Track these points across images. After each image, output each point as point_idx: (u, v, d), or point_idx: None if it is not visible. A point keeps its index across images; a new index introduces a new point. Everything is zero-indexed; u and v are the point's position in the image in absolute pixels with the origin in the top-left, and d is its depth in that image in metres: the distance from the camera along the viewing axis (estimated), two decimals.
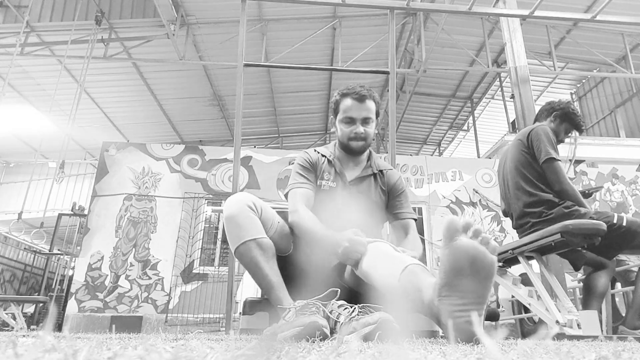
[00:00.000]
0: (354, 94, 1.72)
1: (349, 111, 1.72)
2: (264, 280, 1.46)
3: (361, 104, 1.71)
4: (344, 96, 1.75)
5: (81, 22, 7.38)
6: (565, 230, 1.94)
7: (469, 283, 0.95)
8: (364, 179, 1.78)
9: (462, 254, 0.95)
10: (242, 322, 1.72)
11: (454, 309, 0.95)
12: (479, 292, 0.95)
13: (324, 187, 1.74)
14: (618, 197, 7.71)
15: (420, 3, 4.42)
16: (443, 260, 0.98)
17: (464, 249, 0.96)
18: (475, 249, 0.95)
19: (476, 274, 0.95)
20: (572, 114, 2.52)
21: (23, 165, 12.57)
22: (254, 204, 1.54)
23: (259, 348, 0.43)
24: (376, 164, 1.84)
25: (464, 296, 0.95)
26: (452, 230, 0.97)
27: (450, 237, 0.97)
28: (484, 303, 0.97)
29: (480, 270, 0.95)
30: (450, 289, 0.96)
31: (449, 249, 0.97)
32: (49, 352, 0.42)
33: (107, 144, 7.41)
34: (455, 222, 0.97)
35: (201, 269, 6.67)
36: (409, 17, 8.82)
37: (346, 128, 1.74)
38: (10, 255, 10.82)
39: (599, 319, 2.06)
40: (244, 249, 1.47)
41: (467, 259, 0.95)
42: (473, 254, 0.95)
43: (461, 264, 0.95)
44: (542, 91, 11.21)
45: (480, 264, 0.95)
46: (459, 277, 0.96)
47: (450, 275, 0.96)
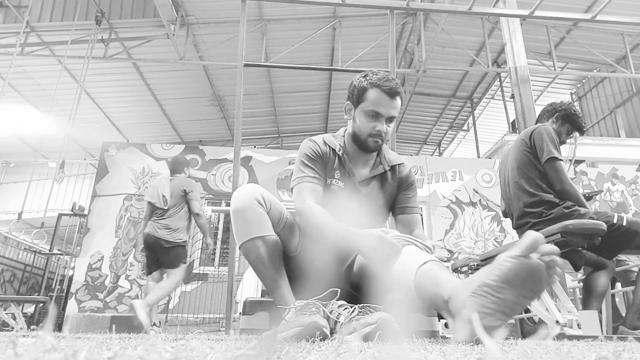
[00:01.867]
0: (387, 88, 1.52)
1: (378, 105, 1.53)
2: (268, 278, 1.44)
3: (392, 100, 1.53)
4: (374, 86, 1.54)
5: (81, 22, 7.38)
6: (565, 230, 1.94)
7: (511, 296, 0.94)
8: (375, 178, 1.65)
9: (523, 270, 0.93)
10: (242, 322, 1.72)
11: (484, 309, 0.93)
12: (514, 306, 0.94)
13: (333, 186, 1.60)
14: (618, 197, 7.71)
15: (420, 3, 4.42)
16: (501, 266, 0.95)
17: (528, 268, 0.93)
18: (538, 272, 0.94)
19: (522, 291, 0.94)
20: (574, 115, 2.52)
21: (23, 165, 12.57)
22: (263, 197, 1.47)
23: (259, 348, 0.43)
24: (387, 159, 1.69)
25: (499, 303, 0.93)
26: (531, 248, 0.94)
27: (525, 253, 0.94)
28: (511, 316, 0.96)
29: (527, 290, 0.94)
30: (489, 292, 0.94)
31: (517, 261, 0.94)
32: (49, 352, 0.42)
33: (107, 144, 7.41)
34: (538, 241, 0.94)
35: (201, 269, 6.67)
36: (409, 17, 8.82)
37: (369, 122, 1.55)
38: (10, 255, 10.82)
39: (599, 319, 2.06)
40: (250, 245, 1.43)
41: (525, 277, 0.94)
42: (533, 274, 0.93)
43: (516, 278, 0.94)
44: (542, 91, 11.21)
45: (533, 286, 0.94)
46: (506, 288, 0.94)
47: (498, 281, 0.94)
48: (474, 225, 7.24)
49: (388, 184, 1.67)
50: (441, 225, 7.15)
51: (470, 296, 0.95)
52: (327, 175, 1.62)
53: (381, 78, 1.55)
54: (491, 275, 0.95)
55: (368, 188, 1.63)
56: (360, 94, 1.57)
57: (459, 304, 0.96)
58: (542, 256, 0.94)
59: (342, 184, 1.61)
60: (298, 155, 1.63)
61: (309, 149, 1.61)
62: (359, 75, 1.62)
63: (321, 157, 1.61)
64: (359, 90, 1.58)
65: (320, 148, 1.62)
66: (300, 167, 1.59)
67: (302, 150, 1.63)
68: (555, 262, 0.94)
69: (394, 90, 1.52)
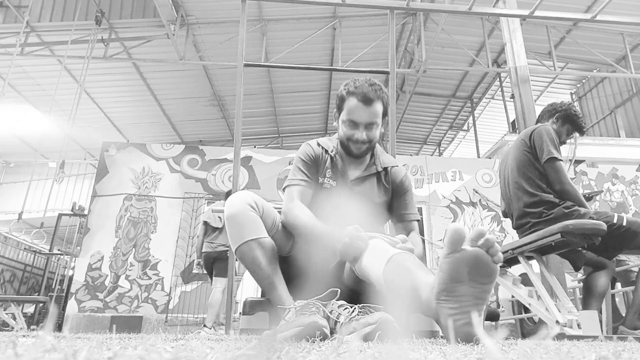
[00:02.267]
0: (361, 95, 1.54)
1: (353, 114, 1.57)
2: (265, 280, 1.45)
3: (367, 107, 1.55)
4: (350, 94, 1.58)
5: (81, 22, 7.39)
6: (565, 230, 1.94)
7: (468, 289, 0.94)
8: (366, 178, 1.67)
9: (461, 263, 0.94)
10: (242, 322, 1.72)
11: (452, 312, 0.94)
12: (478, 295, 0.95)
13: (324, 185, 1.64)
14: (618, 197, 7.71)
15: (420, 3, 4.42)
16: (443, 268, 0.96)
17: (464, 259, 0.94)
18: (477, 258, 0.94)
19: (474, 280, 0.94)
20: (574, 115, 2.53)
21: (23, 165, 12.57)
22: (255, 202, 1.50)
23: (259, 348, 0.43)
24: (381, 161, 1.71)
25: (462, 300, 0.94)
26: (456, 241, 0.94)
27: (454, 248, 0.94)
28: (483, 304, 0.96)
29: (479, 278, 0.94)
30: (448, 294, 0.95)
31: (449, 259, 0.95)
32: (49, 352, 0.42)
33: (107, 144, 7.42)
34: (459, 232, 0.93)
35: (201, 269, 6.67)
36: (409, 17, 8.82)
37: (348, 130, 1.60)
38: (10, 255, 10.82)
39: (599, 319, 2.06)
40: (245, 248, 1.45)
41: (466, 268, 0.94)
42: (474, 262, 0.94)
43: (460, 273, 0.94)
44: (542, 91, 11.21)
45: (480, 271, 0.94)
46: (458, 284, 0.95)
47: (448, 283, 0.95)
48: (474, 225, 7.24)
49: (382, 184, 1.69)
50: (441, 225, 7.15)
51: (437, 304, 0.97)
52: (319, 175, 1.66)
53: (358, 86, 1.57)
54: (439, 281, 0.97)
55: (361, 187, 1.66)
56: (340, 103, 1.63)
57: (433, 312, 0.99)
58: (472, 242, 0.94)
59: (334, 182, 1.65)
60: (295, 158, 1.70)
61: (303, 152, 1.68)
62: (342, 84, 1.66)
63: (314, 160, 1.67)
64: (339, 98, 1.63)
65: (313, 151, 1.68)
66: (294, 170, 1.65)
67: (298, 153, 1.70)
68: (488, 241, 0.93)
69: (367, 97, 1.54)
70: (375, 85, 1.58)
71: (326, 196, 1.63)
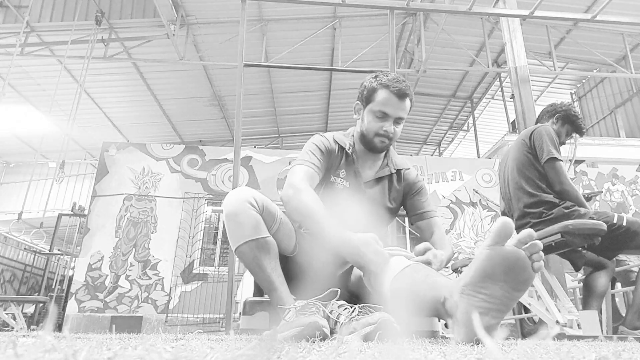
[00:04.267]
0: (396, 89, 1.52)
1: (386, 106, 1.53)
2: (265, 280, 1.43)
3: (401, 101, 1.53)
4: (383, 86, 1.54)
5: (81, 22, 7.39)
6: (565, 230, 1.94)
7: (499, 290, 0.91)
8: (379, 180, 1.65)
9: (500, 259, 0.90)
10: (242, 322, 1.72)
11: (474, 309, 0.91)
12: (506, 300, 0.91)
13: (337, 185, 1.59)
14: (618, 197, 7.71)
15: (420, 3, 4.42)
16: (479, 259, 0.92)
17: (505, 256, 0.90)
18: (517, 259, 0.90)
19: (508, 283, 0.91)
20: (574, 116, 2.53)
21: (23, 165, 12.57)
22: (255, 199, 1.44)
23: (259, 348, 0.43)
24: (394, 162, 1.69)
25: (489, 300, 0.91)
26: (500, 235, 0.90)
27: (496, 241, 0.90)
28: (507, 311, 0.93)
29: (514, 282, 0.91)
30: (475, 289, 0.92)
31: (490, 250, 0.91)
32: (49, 352, 0.42)
33: (107, 144, 7.41)
34: (506, 227, 0.89)
35: (201, 269, 6.67)
36: (409, 17, 8.82)
37: (376, 122, 1.56)
38: (10, 255, 10.82)
39: (599, 319, 2.06)
40: (245, 248, 1.41)
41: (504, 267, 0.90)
42: (514, 263, 0.90)
43: (495, 270, 0.90)
44: (542, 91, 11.21)
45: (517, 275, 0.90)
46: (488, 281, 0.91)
47: (479, 276, 0.92)
48: (474, 225, 7.24)
49: (393, 187, 1.67)
50: (441, 225, 7.15)
51: (461, 296, 0.93)
52: (332, 172, 1.61)
53: (391, 79, 1.55)
54: (471, 272, 0.93)
55: (373, 190, 1.63)
56: (369, 94, 1.58)
57: (452, 305, 0.95)
58: (519, 243, 0.90)
59: (347, 183, 1.60)
60: (306, 145, 1.61)
61: (319, 141, 1.60)
62: (369, 76, 1.62)
63: (329, 152, 1.60)
64: (368, 90, 1.58)
65: (330, 144, 1.62)
66: (306, 153, 1.56)
67: (311, 140, 1.62)
68: (535, 246, 0.90)
69: (402, 92, 1.52)
70: (407, 82, 1.57)
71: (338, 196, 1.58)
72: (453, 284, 0.99)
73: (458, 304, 0.94)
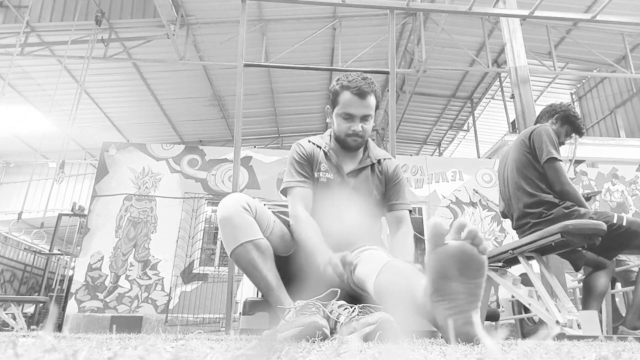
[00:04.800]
0: (355, 89, 1.59)
1: (348, 107, 1.61)
2: (262, 282, 1.44)
3: (362, 100, 1.60)
4: (344, 88, 1.62)
5: (81, 22, 7.38)
6: (565, 230, 1.93)
7: (459, 286, 0.91)
8: (361, 170, 1.70)
9: (447, 258, 0.90)
10: (242, 322, 1.72)
11: (449, 312, 0.91)
12: (471, 292, 0.92)
13: (321, 179, 1.66)
14: (618, 197, 7.71)
15: (420, 3, 4.42)
16: (429, 266, 0.93)
17: (450, 253, 0.90)
18: (462, 251, 0.90)
19: (465, 276, 0.91)
20: (574, 117, 2.53)
21: (23, 165, 12.57)
22: (248, 204, 1.49)
23: (259, 348, 0.43)
24: (374, 154, 1.75)
25: (456, 298, 0.91)
26: (437, 236, 0.91)
27: (436, 243, 0.91)
28: (478, 301, 0.93)
29: (468, 272, 0.91)
30: (440, 294, 0.93)
31: (434, 254, 0.92)
32: (49, 352, 0.42)
33: (107, 144, 7.41)
34: (439, 227, 0.91)
35: (201, 269, 6.67)
36: (409, 17, 8.82)
37: (344, 124, 1.64)
38: (10, 255, 10.82)
39: (599, 319, 2.06)
40: (241, 251, 1.43)
41: (454, 263, 0.90)
42: (460, 256, 0.90)
43: (447, 269, 0.91)
44: (542, 91, 11.21)
45: (469, 265, 0.91)
46: (447, 282, 0.91)
47: (437, 281, 0.92)
48: (474, 225, 7.24)
49: (375, 176, 1.72)
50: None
51: (432, 305, 0.94)
52: (316, 169, 1.67)
53: (351, 80, 1.61)
54: (429, 281, 0.94)
55: (357, 179, 1.68)
56: (334, 98, 1.66)
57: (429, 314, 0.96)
58: (455, 236, 0.91)
59: (331, 175, 1.66)
60: (288, 159, 1.72)
61: (295, 152, 1.71)
62: (334, 80, 1.70)
63: (307, 158, 1.69)
64: (333, 93, 1.67)
65: (305, 149, 1.71)
66: (290, 170, 1.67)
67: (290, 154, 1.72)
68: (471, 232, 0.90)
69: (362, 90, 1.58)
70: (368, 79, 1.62)
71: (323, 189, 1.64)
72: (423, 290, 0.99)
73: (433, 313, 0.95)
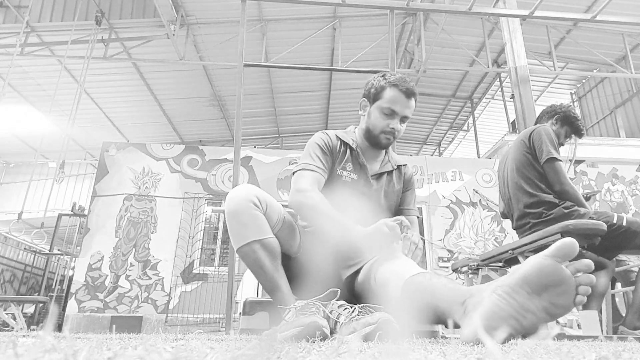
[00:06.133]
0: (405, 88, 1.57)
1: (394, 103, 1.58)
2: (268, 281, 1.42)
3: (408, 100, 1.58)
4: (392, 85, 1.59)
5: (81, 22, 7.39)
6: (565, 230, 1.93)
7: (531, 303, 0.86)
8: (383, 174, 1.69)
9: (549, 274, 0.86)
10: (242, 322, 1.72)
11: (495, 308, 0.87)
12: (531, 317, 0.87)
13: (344, 178, 1.61)
14: (618, 197, 7.71)
15: (420, 3, 4.42)
16: (528, 264, 0.88)
17: (555, 273, 0.85)
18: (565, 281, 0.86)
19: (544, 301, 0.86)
20: (574, 118, 2.53)
21: (23, 165, 12.57)
22: (258, 198, 1.43)
23: (259, 348, 0.43)
24: (394, 160, 1.75)
25: (516, 308, 0.87)
26: (564, 253, 0.85)
27: (556, 255, 0.86)
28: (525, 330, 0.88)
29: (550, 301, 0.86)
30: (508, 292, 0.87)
31: (544, 260, 0.86)
32: (49, 352, 0.42)
33: (107, 144, 7.41)
34: (572, 248, 0.85)
35: (201, 269, 6.67)
36: (409, 17, 8.82)
37: (384, 119, 1.60)
38: (10, 255, 10.81)
39: (599, 319, 2.06)
40: (248, 249, 1.40)
41: (549, 282, 0.86)
42: (559, 283, 0.86)
43: (539, 280, 0.86)
44: (542, 91, 11.21)
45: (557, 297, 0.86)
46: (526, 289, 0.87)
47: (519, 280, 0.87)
48: (474, 225, 7.23)
49: (395, 182, 1.72)
50: (441, 225, 7.15)
51: (491, 294, 0.89)
52: (338, 166, 1.63)
53: (399, 79, 1.60)
54: (515, 274, 0.89)
55: (378, 183, 1.67)
56: (377, 92, 1.62)
57: (476, 301, 0.91)
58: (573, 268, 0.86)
59: (355, 176, 1.63)
60: (308, 144, 1.64)
61: (320, 140, 1.63)
62: (376, 75, 1.67)
63: (331, 150, 1.63)
64: (376, 88, 1.63)
65: (332, 141, 1.65)
66: (309, 154, 1.59)
67: (313, 139, 1.64)
68: (588, 278, 0.86)
69: (410, 91, 1.58)
70: (412, 82, 1.63)
71: (346, 189, 1.59)
72: (483, 286, 0.95)
73: (484, 300, 0.89)
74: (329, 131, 1.70)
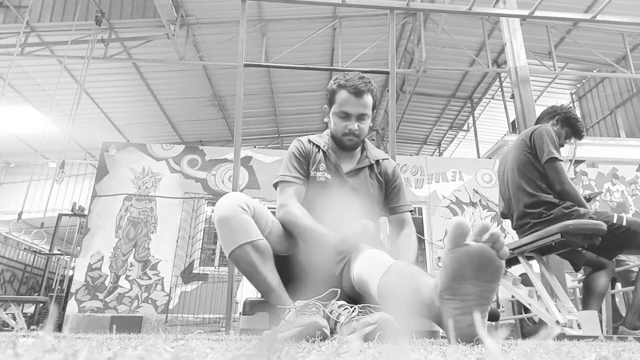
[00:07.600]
0: (352, 88, 1.60)
1: (345, 105, 1.62)
2: (262, 283, 1.43)
3: (358, 99, 1.60)
4: (340, 87, 1.63)
5: (81, 22, 7.38)
6: (565, 230, 1.93)
7: (472, 287, 0.91)
8: (360, 170, 1.70)
9: (466, 259, 0.90)
10: (242, 322, 1.72)
11: (456, 311, 0.91)
12: (483, 295, 0.92)
13: (319, 178, 1.65)
14: (618, 197, 7.71)
15: (420, 3, 4.42)
16: (446, 264, 0.93)
17: (470, 254, 0.90)
18: (482, 254, 0.90)
19: (480, 278, 0.91)
20: (574, 119, 2.54)
21: (23, 166, 12.57)
22: (245, 203, 1.46)
23: (259, 348, 0.43)
24: (372, 154, 1.75)
25: (466, 299, 0.91)
26: (458, 235, 0.91)
27: (456, 242, 0.92)
28: (488, 304, 0.93)
29: (484, 275, 0.91)
30: (451, 293, 0.93)
31: (453, 253, 0.92)
32: (49, 352, 0.42)
33: (107, 144, 7.41)
34: (462, 226, 0.91)
35: (201, 269, 6.67)
36: (409, 17, 8.82)
37: (340, 123, 1.64)
38: (10, 255, 10.82)
39: (599, 319, 2.06)
40: (240, 252, 1.41)
41: (472, 264, 0.90)
42: (479, 258, 0.90)
43: (464, 270, 0.91)
44: (542, 91, 11.21)
45: (486, 268, 0.91)
46: (461, 282, 0.91)
47: (451, 280, 0.92)
48: (474, 225, 7.24)
49: (374, 176, 1.72)
50: (441, 225, 7.15)
51: (441, 302, 0.94)
52: (314, 168, 1.67)
53: (348, 79, 1.63)
54: (443, 278, 0.94)
55: (355, 179, 1.68)
56: (331, 96, 1.67)
57: (435, 311, 0.96)
58: (477, 237, 0.91)
59: (329, 175, 1.66)
60: (286, 154, 1.71)
61: (295, 148, 1.70)
62: (332, 79, 1.72)
63: (305, 155, 1.69)
64: (330, 92, 1.68)
65: (304, 146, 1.71)
66: (286, 165, 1.66)
67: (289, 149, 1.72)
68: (494, 235, 0.91)
69: (358, 89, 1.59)
70: (365, 79, 1.63)
71: (321, 189, 1.63)
72: (431, 288, 0.99)
73: (440, 310, 0.94)
74: (302, 137, 1.77)
